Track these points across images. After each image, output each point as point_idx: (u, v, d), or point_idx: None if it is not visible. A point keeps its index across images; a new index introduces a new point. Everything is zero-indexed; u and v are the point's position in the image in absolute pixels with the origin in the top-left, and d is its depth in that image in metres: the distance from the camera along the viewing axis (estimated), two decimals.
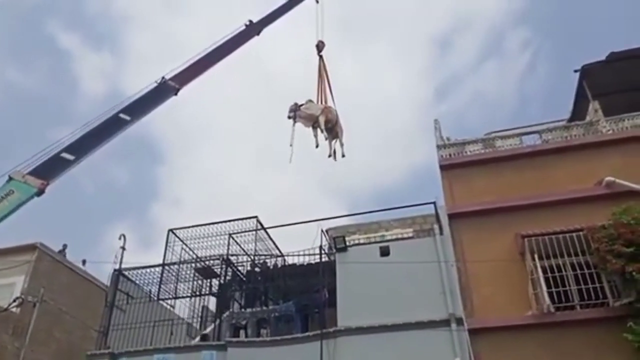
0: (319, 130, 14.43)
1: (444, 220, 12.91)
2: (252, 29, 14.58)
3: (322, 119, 14.29)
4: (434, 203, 13.44)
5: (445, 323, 11.15)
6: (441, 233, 12.69)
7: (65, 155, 9.88)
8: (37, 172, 9.49)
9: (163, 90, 12.10)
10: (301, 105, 14.52)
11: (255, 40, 14.85)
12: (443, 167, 13.78)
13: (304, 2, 16.05)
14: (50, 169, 9.71)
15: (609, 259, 10.43)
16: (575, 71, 14.75)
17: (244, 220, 15.64)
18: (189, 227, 15.84)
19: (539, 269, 11.10)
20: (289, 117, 14.31)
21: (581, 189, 12.03)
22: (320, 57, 15.57)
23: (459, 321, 11.13)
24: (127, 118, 11.15)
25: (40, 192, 9.43)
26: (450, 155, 14.07)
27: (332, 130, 14.73)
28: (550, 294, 10.85)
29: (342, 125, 14.98)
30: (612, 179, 11.91)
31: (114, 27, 66.23)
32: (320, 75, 15.39)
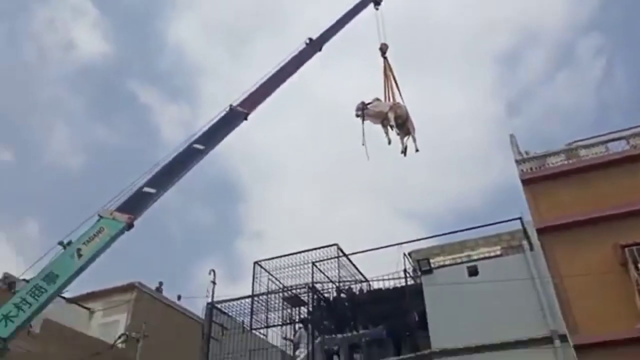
0: (389, 128, 14.21)
1: (533, 236, 12.59)
2: (314, 45, 14.54)
3: (391, 115, 14.15)
4: (520, 219, 13.15)
5: (548, 340, 10.76)
6: (531, 249, 12.36)
7: (147, 189, 10.30)
8: (123, 208, 9.88)
9: (232, 117, 12.18)
10: (369, 103, 14.34)
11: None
12: (525, 182, 13.49)
13: (363, 11, 16.02)
14: (134, 203, 10.07)
15: None
16: None
17: (325, 249, 15.90)
18: (272, 258, 16.29)
19: None
20: (357, 116, 14.14)
21: None
22: (385, 58, 15.56)
23: (563, 338, 10.72)
24: (201, 147, 11.25)
25: (129, 227, 9.83)
26: (531, 169, 13.78)
27: (403, 126, 14.50)
28: None
29: (414, 122, 14.71)
30: None
31: (187, 79, 70.08)
32: (386, 76, 15.28)
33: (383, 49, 15.68)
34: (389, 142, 14.22)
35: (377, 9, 16.22)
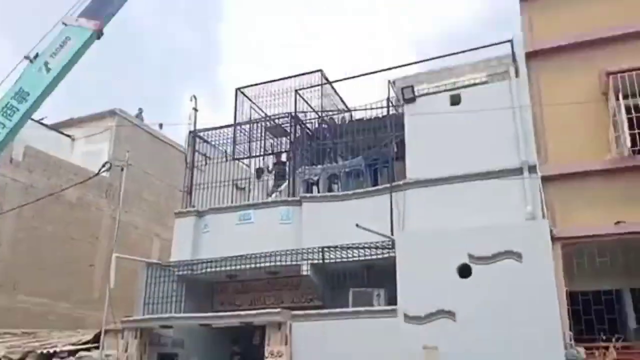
0: None
1: (521, 61, 11.94)
2: None
3: None
4: (511, 41, 12.38)
5: (518, 171, 10.76)
6: (517, 75, 11.80)
7: None
8: (88, 13, 9.15)
9: None
10: None
11: None
12: None
13: None
14: (100, 6, 9.30)
15: None
16: None
17: (309, 75, 15.38)
18: (255, 85, 15.86)
19: (623, 109, 10.19)
20: None
21: None
22: None
23: (532, 169, 10.69)
24: None
25: (98, 35, 9.19)
26: None
27: None
28: (633, 137, 10.05)
29: None
30: None
31: None
32: None
33: None
34: None
35: None
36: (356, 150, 13.69)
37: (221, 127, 15.57)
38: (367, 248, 11.47)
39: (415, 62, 15.33)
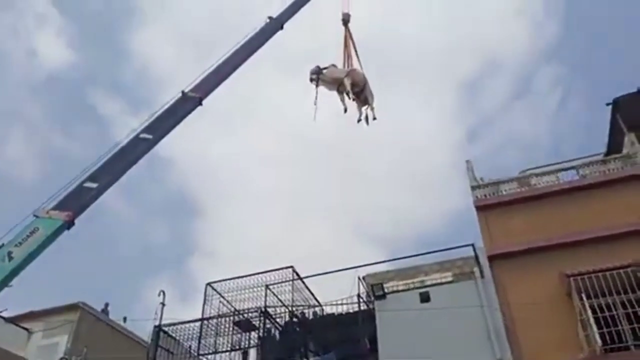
0: (345, 95, 13.42)
1: (484, 263, 12.64)
2: (274, 23, 13.83)
3: (347, 81, 13.36)
4: (473, 245, 13.19)
5: None
6: (482, 276, 12.39)
7: (88, 184, 9.51)
8: (61, 206, 9.15)
9: (184, 103, 11.28)
10: (324, 68, 13.72)
11: (280, 35, 13.84)
12: (479, 208, 13.61)
13: None
14: (74, 200, 9.31)
15: None
16: (607, 104, 14.59)
17: (280, 271, 15.60)
18: (226, 280, 15.86)
19: (588, 309, 10.68)
20: (311, 80, 13.41)
21: (625, 223, 11.67)
22: (347, 27, 14.92)
23: None
24: (149, 137, 10.33)
25: (69, 225, 9.10)
26: (485, 195, 13.93)
27: (361, 94, 13.66)
28: (602, 335, 10.38)
29: (372, 90, 13.91)
30: None
31: (152, 89, 68.96)
32: (345, 45, 14.62)
33: (345, 18, 15.08)
34: (345, 110, 13.55)
35: None
36: (328, 345, 13.39)
37: (188, 322, 15.19)
38: None
39: (384, 261, 15.85)
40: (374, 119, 13.72)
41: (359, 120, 13.69)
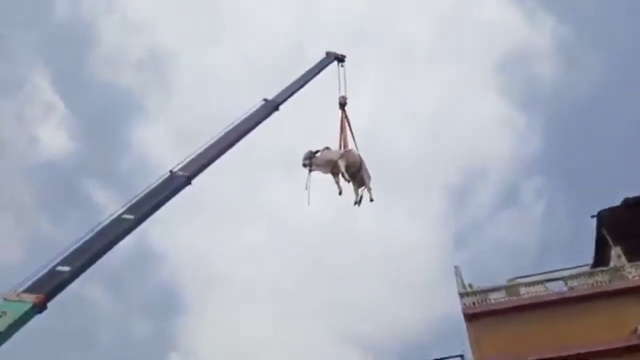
0: (341, 177, 13.22)
1: None
2: (269, 105, 13.65)
3: (341, 163, 13.19)
4: (462, 356, 12.89)
5: None
6: None
7: (60, 268, 9.07)
8: (32, 289, 8.68)
9: (171, 183, 10.86)
10: (317, 152, 13.51)
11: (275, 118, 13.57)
12: (467, 317, 13.42)
13: (326, 69, 15.34)
14: (46, 284, 8.88)
15: None
16: (592, 217, 14.87)
17: None
18: None
19: None
20: (304, 165, 13.28)
21: (614, 338, 11.52)
22: (343, 110, 14.92)
23: None
24: (131, 217, 9.73)
25: (40, 309, 8.53)
26: (474, 303, 13.76)
27: (356, 176, 13.45)
28: None
29: (369, 171, 13.80)
30: None
31: (148, 180, 69.21)
32: (341, 128, 14.55)
33: (342, 102, 15.11)
34: (340, 192, 13.27)
35: (342, 66, 15.88)
36: None
37: None
38: None
39: None
40: (371, 200, 13.47)
41: (355, 203, 13.42)
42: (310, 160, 13.35)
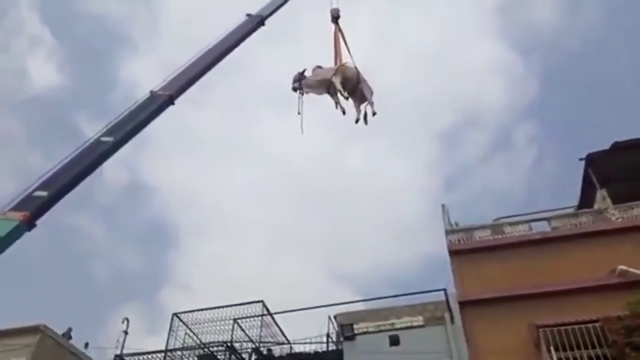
0: (339, 95, 12.22)
1: (455, 308, 12.63)
2: (253, 19, 12.85)
3: (336, 79, 12.12)
4: (444, 290, 13.21)
5: None
6: (452, 322, 12.38)
7: (38, 193, 9.09)
8: (17, 208, 8.68)
9: (153, 103, 10.37)
10: (304, 71, 12.63)
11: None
12: (452, 253, 13.71)
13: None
14: (29, 205, 8.90)
15: (627, 352, 10.11)
16: (581, 159, 14.99)
17: (250, 305, 15.40)
18: (193, 311, 15.61)
19: None
20: (294, 89, 12.36)
21: (594, 277, 11.86)
22: (336, 24, 13.79)
23: None
24: (108, 140, 9.42)
25: (28, 226, 8.55)
26: (459, 240, 14.04)
27: (355, 90, 12.32)
28: None
29: (370, 84, 12.60)
30: (625, 267, 11.77)
31: None
32: (336, 41, 13.43)
33: (334, 14, 13.99)
34: (343, 112, 12.19)
35: None
36: None
37: (150, 353, 14.82)
38: None
39: (355, 301, 15.70)
40: (374, 114, 12.34)
41: (357, 121, 12.34)
42: (300, 82, 12.51)
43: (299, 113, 12.35)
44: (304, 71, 12.64)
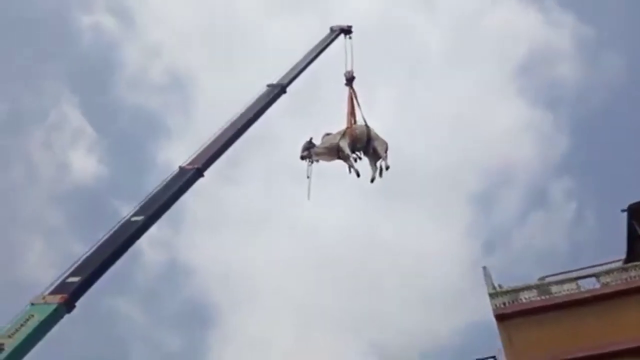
0: (352, 159, 12.14)
1: None
2: (274, 88, 12.97)
3: (344, 143, 12.12)
4: (494, 358, 12.69)
5: None
6: None
7: (71, 279, 9.09)
8: (57, 291, 8.71)
9: (182, 177, 10.49)
10: (311, 140, 12.60)
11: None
12: (498, 317, 13.20)
13: (330, 46, 14.52)
14: (66, 289, 8.90)
15: None
16: (623, 211, 14.58)
17: None
18: None
19: None
20: (302, 158, 12.33)
21: None
22: (351, 86, 13.84)
23: None
24: (139, 218, 9.64)
25: (68, 308, 8.58)
26: (504, 304, 13.54)
27: (368, 149, 12.34)
28: None
29: (384, 139, 12.63)
30: None
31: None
32: (351, 106, 13.45)
33: (348, 76, 14.01)
34: (357, 175, 12.06)
35: (349, 37, 14.92)
36: None
37: None
38: None
39: None
40: (387, 168, 12.26)
41: (372, 180, 12.23)
42: (309, 151, 12.47)
43: (308, 177, 12.31)
44: (311, 139, 12.61)
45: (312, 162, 12.33)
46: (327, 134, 12.75)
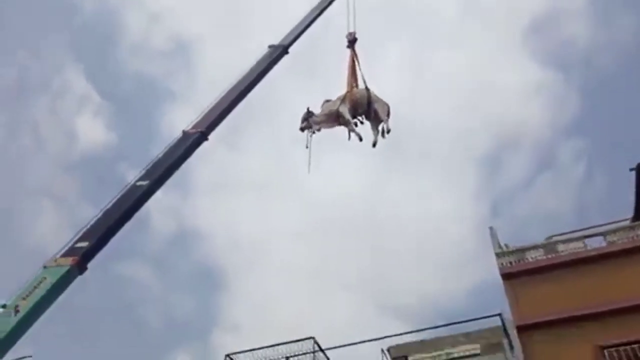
0: (353, 124, 11.98)
1: (512, 334, 12.19)
2: (277, 49, 12.79)
3: (343, 109, 11.90)
4: (500, 315, 12.79)
5: None
6: (511, 347, 11.91)
7: (80, 244, 9.28)
8: (69, 254, 8.89)
9: (186, 141, 10.44)
10: (310, 111, 12.35)
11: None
12: (505, 276, 13.28)
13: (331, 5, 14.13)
14: (76, 252, 9.07)
15: None
16: (631, 169, 14.44)
17: (301, 342, 15.29)
18: (245, 351, 15.59)
19: None
20: (302, 129, 12.14)
21: None
22: (352, 49, 13.36)
23: None
24: (144, 183, 9.66)
25: (80, 270, 8.76)
26: (511, 263, 13.60)
27: (369, 113, 12.07)
28: None
29: (385, 102, 12.27)
30: None
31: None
32: (352, 68, 13.03)
33: (350, 39, 13.49)
34: (360, 139, 11.90)
35: None
36: None
37: None
38: None
39: (408, 332, 15.30)
40: (388, 131, 12.06)
41: (374, 144, 12.06)
42: (308, 121, 12.29)
43: (307, 147, 12.17)
44: (309, 109, 12.42)
45: (313, 133, 12.16)
46: (327, 101, 12.51)
